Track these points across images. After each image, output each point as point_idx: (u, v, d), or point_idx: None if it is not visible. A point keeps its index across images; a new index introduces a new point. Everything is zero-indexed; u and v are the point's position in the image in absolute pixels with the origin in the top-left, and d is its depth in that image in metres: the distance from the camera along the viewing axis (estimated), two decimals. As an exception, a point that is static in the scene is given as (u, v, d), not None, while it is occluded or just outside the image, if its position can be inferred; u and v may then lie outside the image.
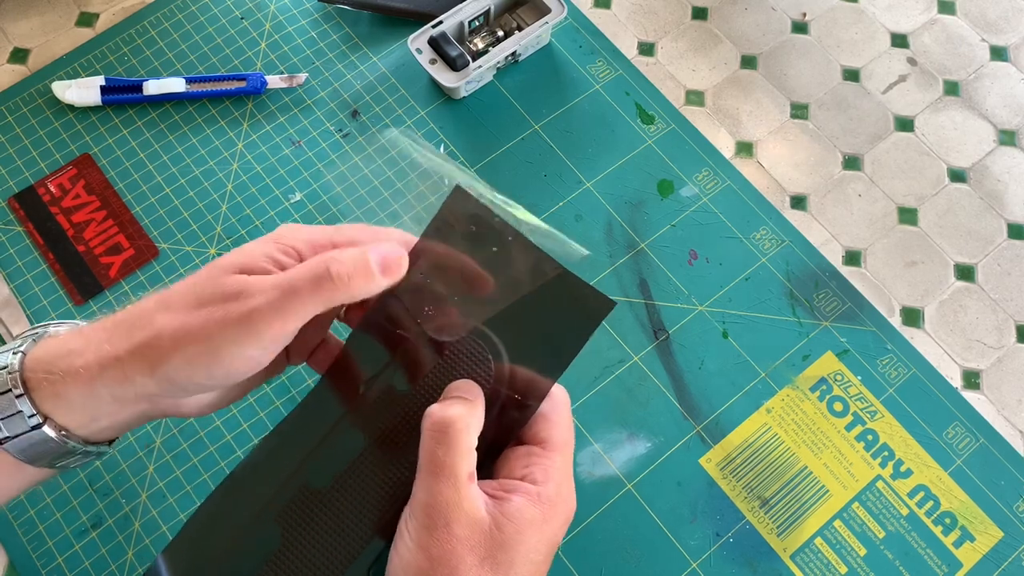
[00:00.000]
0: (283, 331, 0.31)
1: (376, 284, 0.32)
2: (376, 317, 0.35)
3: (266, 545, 0.33)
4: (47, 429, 0.32)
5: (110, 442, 0.35)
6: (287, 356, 0.37)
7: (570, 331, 0.34)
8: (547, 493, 0.32)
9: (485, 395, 0.34)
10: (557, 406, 0.34)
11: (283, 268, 0.33)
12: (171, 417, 0.35)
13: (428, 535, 0.30)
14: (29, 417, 0.32)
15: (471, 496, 0.31)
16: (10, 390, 0.32)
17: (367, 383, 0.34)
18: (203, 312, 0.31)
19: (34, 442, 0.32)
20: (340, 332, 0.37)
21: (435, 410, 0.32)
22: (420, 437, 0.32)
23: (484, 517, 0.31)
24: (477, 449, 0.32)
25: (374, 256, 0.32)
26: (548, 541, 0.32)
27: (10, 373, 0.32)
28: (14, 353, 0.33)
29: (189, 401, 0.34)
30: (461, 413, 0.32)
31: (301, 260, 0.33)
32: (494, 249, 0.35)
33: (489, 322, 0.35)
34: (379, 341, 0.35)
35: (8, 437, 0.32)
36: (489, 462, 0.34)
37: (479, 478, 0.32)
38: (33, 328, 0.35)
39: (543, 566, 0.32)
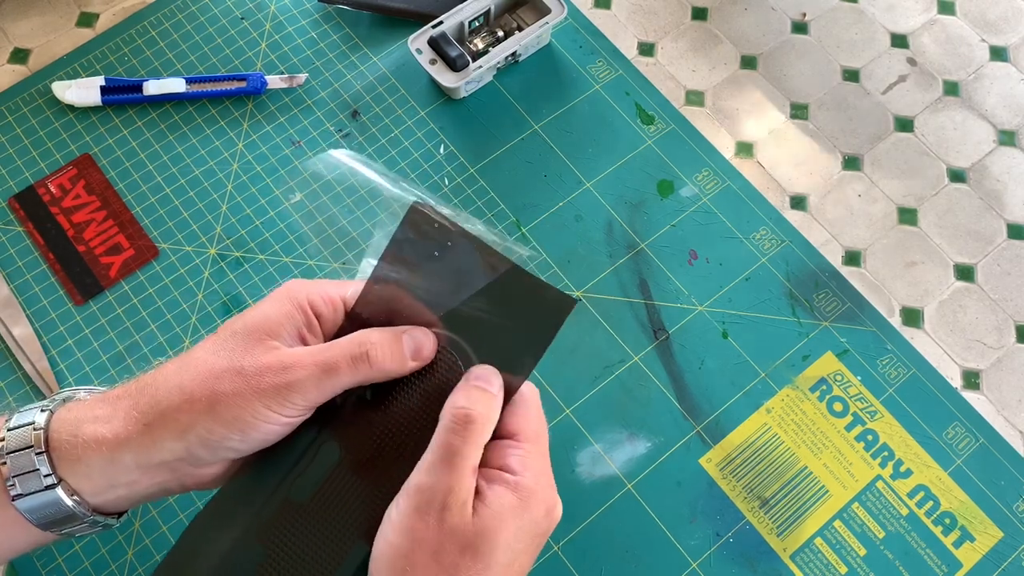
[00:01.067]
0: (319, 401, 0.34)
1: (407, 368, 0.35)
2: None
3: (250, 563, 0.34)
4: (60, 491, 0.32)
5: (119, 516, 0.36)
6: None
7: (536, 332, 0.36)
8: (524, 482, 0.33)
9: None
10: (527, 401, 0.36)
11: (305, 332, 0.35)
12: (187, 491, 0.36)
13: (418, 517, 0.31)
14: (45, 476, 0.32)
15: (470, 487, 0.32)
16: (31, 447, 0.32)
17: (342, 396, 0.35)
18: (240, 379, 0.33)
19: (45, 503, 0.32)
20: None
21: (460, 400, 0.33)
22: (398, 444, 0.34)
23: (471, 508, 0.31)
24: None
25: (407, 343, 0.35)
26: (528, 530, 0.32)
27: (35, 430, 0.33)
28: (42, 411, 0.34)
29: (209, 472, 0.35)
30: (486, 409, 0.33)
31: (318, 316, 0.36)
32: (458, 260, 0.36)
33: (458, 329, 0.36)
34: None
35: (21, 495, 0.32)
36: None
37: None
38: (62, 391, 0.36)
39: (524, 555, 0.33)
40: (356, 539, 0.34)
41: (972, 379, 0.52)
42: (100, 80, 0.57)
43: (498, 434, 0.35)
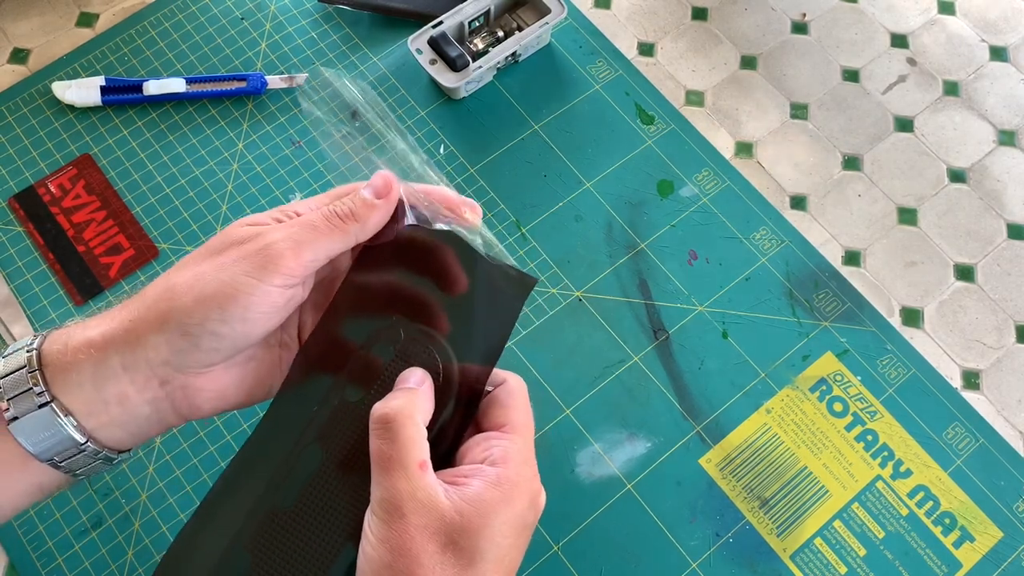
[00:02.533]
0: (298, 263, 0.33)
1: (379, 211, 0.35)
2: (321, 335, 0.36)
3: (238, 572, 0.33)
4: (53, 408, 0.32)
5: (120, 452, 0.35)
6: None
7: (501, 315, 0.36)
8: (506, 474, 0.32)
9: (437, 391, 0.35)
10: (513, 392, 0.35)
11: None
12: (183, 420, 0.35)
13: (387, 528, 0.30)
14: (37, 395, 0.32)
15: (425, 485, 0.31)
16: (24, 367, 0.32)
17: (321, 399, 0.35)
18: (216, 257, 0.32)
19: (40, 424, 0.32)
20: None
21: (377, 406, 0.33)
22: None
23: (443, 504, 0.31)
24: (438, 443, 0.33)
25: (366, 190, 0.35)
26: (513, 523, 0.32)
27: (28, 351, 0.33)
28: (35, 337, 0.33)
29: (200, 385, 0.34)
30: (401, 404, 0.32)
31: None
32: (433, 256, 0.36)
33: (423, 321, 0.36)
34: (328, 357, 0.36)
35: (15, 417, 0.32)
36: (451, 454, 0.35)
37: (443, 469, 0.33)
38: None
39: (513, 549, 0.32)
40: (345, 541, 0.33)
41: (972, 379, 0.52)
42: (100, 80, 0.57)
43: (484, 426, 0.35)
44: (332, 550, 0.34)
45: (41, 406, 0.32)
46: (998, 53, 0.62)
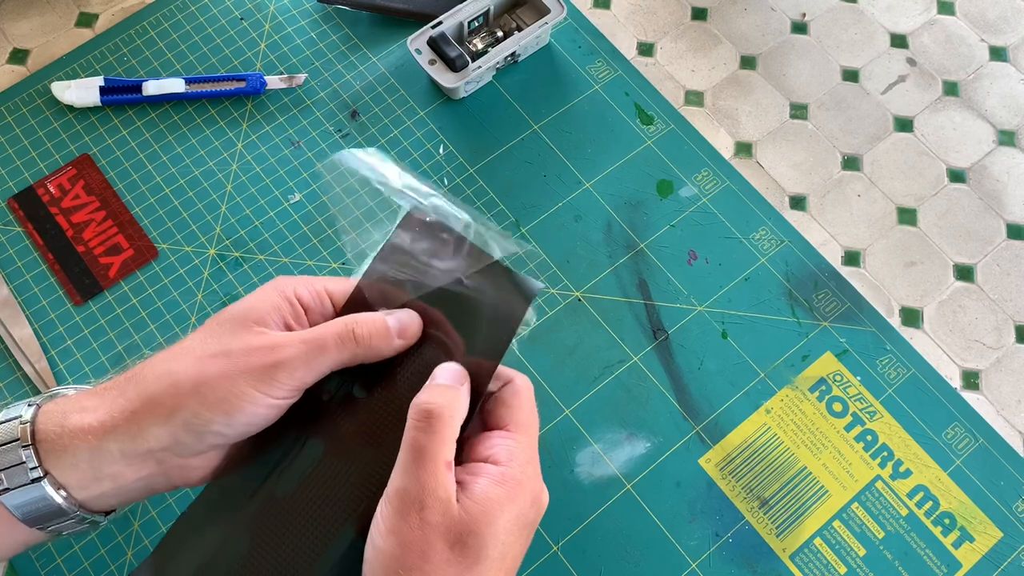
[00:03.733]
0: (306, 380, 0.34)
1: (394, 346, 0.35)
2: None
3: (236, 554, 0.34)
4: (46, 484, 0.32)
5: (107, 514, 0.35)
6: None
7: (504, 317, 0.36)
8: (511, 473, 0.32)
9: None
10: (518, 392, 0.36)
11: (291, 322, 0.35)
12: (174, 488, 0.36)
13: (401, 520, 0.30)
14: (31, 470, 0.32)
15: (448, 484, 0.31)
16: (17, 440, 0.32)
17: (328, 394, 0.36)
18: (226, 360, 0.33)
19: (32, 498, 0.32)
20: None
21: (422, 398, 0.33)
22: (381, 437, 0.34)
23: (455, 503, 0.31)
24: None
25: (392, 322, 0.35)
26: (517, 521, 0.32)
27: (22, 424, 0.33)
28: (28, 405, 0.34)
29: (195, 465, 0.35)
30: (447, 402, 0.33)
31: (305, 308, 0.36)
32: (444, 262, 0.38)
33: (439, 323, 0.37)
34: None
35: (8, 488, 0.32)
36: (459, 447, 0.35)
37: None
38: (50, 390, 0.36)
39: (515, 547, 0.32)
40: (341, 529, 0.34)
41: (972, 379, 0.52)
42: (99, 80, 0.57)
43: (488, 425, 0.35)
44: (328, 536, 0.34)
45: (34, 480, 0.32)
46: (998, 53, 0.62)
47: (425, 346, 0.36)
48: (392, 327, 0.35)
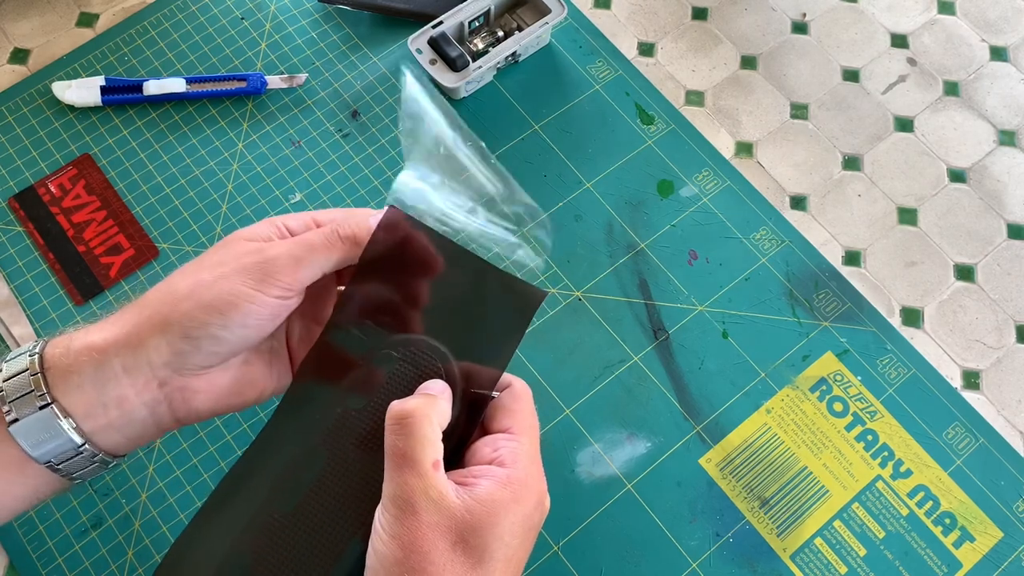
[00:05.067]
0: (295, 278, 0.34)
1: (372, 224, 0.36)
2: (324, 343, 0.37)
3: (240, 571, 0.34)
4: (53, 410, 0.32)
5: (117, 457, 0.36)
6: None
7: (509, 326, 0.37)
8: (516, 475, 0.33)
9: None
10: (518, 396, 0.36)
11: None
12: (180, 424, 0.36)
13: (398, 524, 0.31)
14: (38, 397, 0.32)
15: (437, 484, 0.31)
16: (26, 370, 0.33)
17: (323, 405, 0.36)
18: (216, 267, 0.34)
19: (39, 426, 0.32)
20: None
21: (394, 404, 0.33)
22: (379, 448, 0.33)
23: (454, 502, 0.31)
24: (445, 444, 0.33)
25: (374, 218, 0.37)
26: (521, 523, 0.32)
27: (31, 355, 0.33)
28: (36, 343, 0.34)
29: (197, 387, 0.35)
30: (418, 404, 0.33)
31: (292, 234, 0.37)
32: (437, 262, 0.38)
33: (432, 329, 0.37)
34: (331, 366, 0.37)
35: (16, 419, 0.32)
36: (458, 456, 0.35)
37: (450, 471, 0.33)
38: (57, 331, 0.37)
39: (520, 549, 0.33)
40: (345, 545, 0.34)
41: (972, 379, 0.52)
42: (100, 80, 0.57)
43: (491, 429, 0.35)
44: (332, 553, 0.34)
45: (41, 407, 0.32)
46: (998, 53, 0.62)
47: (421, 357, 0.37)
48: (373, 223, 0.36)
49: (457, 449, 0.35)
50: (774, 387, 0.51)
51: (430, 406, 0.33)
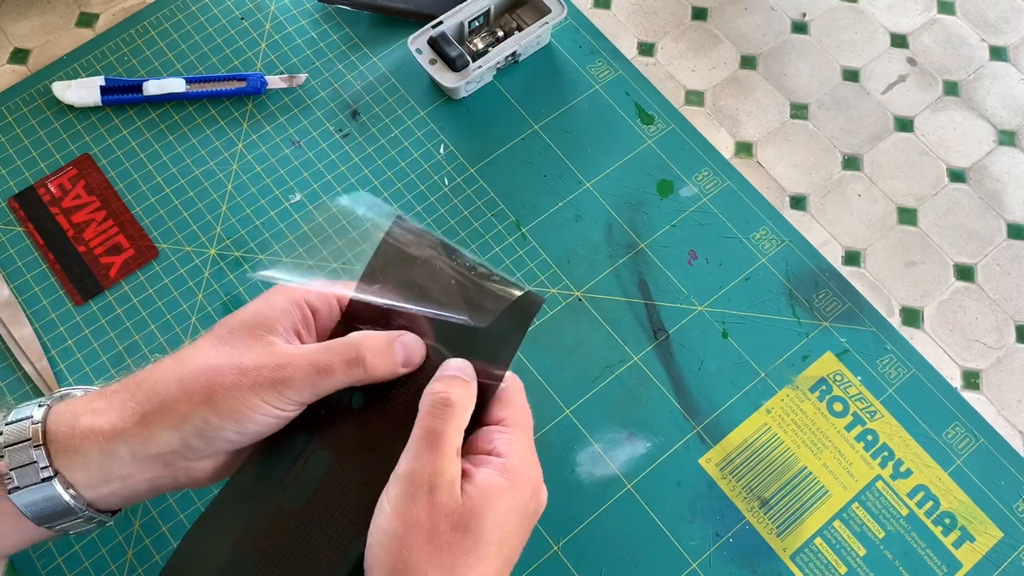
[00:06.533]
0: (312, 398, 0.35)
1: (397, 373, 0.36)
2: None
3: (246, 573, 0.34)
4: (56, 484, 0.33)
5: (113, 513, 0.36)
6: None
7: (510, 330, 0.38)
8: (512, 464, 0.34)
9: None
10: (511, 390, 0.37)
11: (301, 328, 0.36)
12: (181, 488, 0.37)
13: (409, 501, 0.31)
14: (42, 469, 0.33)
15: (456, 469, 0.33)
16: (29, 440, 0.33)
17: (330, 406, 0.36)
18: (238, 373, 0.33)
19: (42, 496, 0.33)
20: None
21: (437, 388, 0.34)
22: (384, 444, 0.34)
23: (459, 489, 0.32)
24: None
25: (399, 351, 0.36)
26: (517, 510, 0.33)
27: (33, 424, 0.33)
28: (39, 406, 0.34)
29: (203, 467, 0.35)
30: (462, 394, 0.34)
31: (313, 313, 0.37)
32: (437, 268, 0.38)
33: (440, 333, 0.38)
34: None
35: (18, 488, 0.33)
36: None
37: None
38: (59, 390, 0.37)
39: (515, 537, 0.34)
40: (351, 541, 0.34)
41: (972, 379, 0.52)
42: (100, 80, 0.57)
43: (485, 421, 0.36)
44: (338, 551, 0.34)
45: (44, 480, 0.33)
46: (998, 53, 0.62)
47: (426, 359, 0.37)
48: (399, 356, 0.36)
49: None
50: (774, 387, 0.51)
51: (469, 398, 0.34)
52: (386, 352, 0.36)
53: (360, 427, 0.36)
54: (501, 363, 0.37)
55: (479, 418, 0.36)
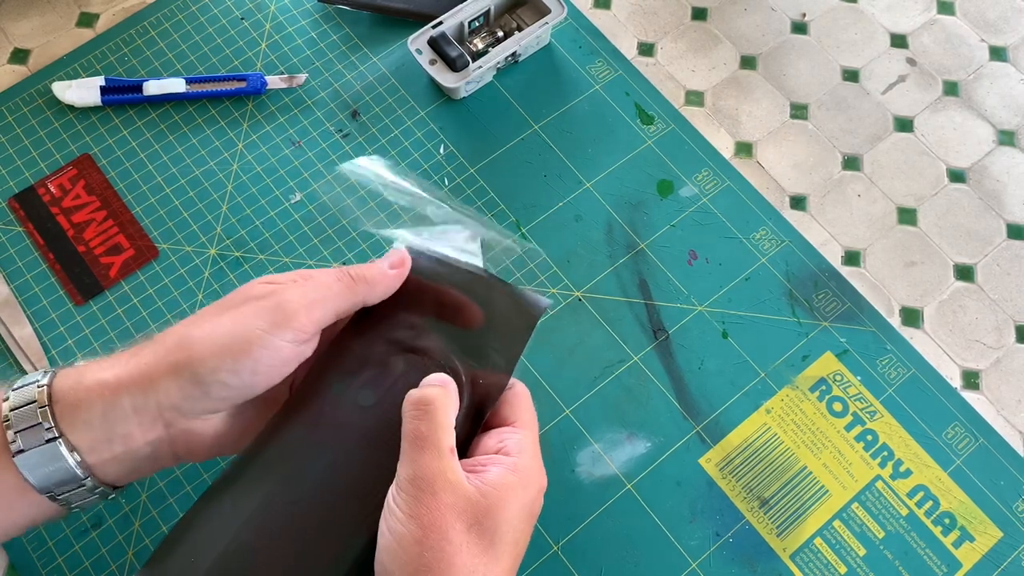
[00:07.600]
0: (310, 320, 0.35)
1: (390, 279, 0.38)
2: (339, 343, 0.38)
3: (243, 564, 0.34)
4: (60, 445, 0.33)
5: (115, 488, 0.36)
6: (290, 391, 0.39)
7: (515, 334, 0.38)
8: (521, 463, 0.34)
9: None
10: (518, 394, 0.38)
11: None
12: (180, 460, 0.37)
13: (418, 504, 0.32)
14: (46, 430, 0.33)
15: (454, 467, 0.33)
16: (34, 401, 0.33)
17: (332, 401, 0.37)
18: (233, 310, 0.34)
19: (45, 458, 0.33)
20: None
21: (414, 392, 0.35)
22: (388, 442, 0.34)
23: (468, 487, 0.32)
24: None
25: (383, 261, 0.38)
26: (526, 508, 0.34)
27: (39, 387, 0.34)
28: (45, 372, 0.35)
29: (200, 430, 0.35)
30: (437, 393, 0.34)
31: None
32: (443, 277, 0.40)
33: (444, 337, 0.38)
34: (344, 362, 0.38)
35: (22, 450, 0.33)
36: (464, 451, 0.36)
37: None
38: (67, 363, 0.38)
39: (523, 534, 0.34)
40: (352, 535, 0.34)
41: (972, 379, 0.52)
42: (100, 80, 0.57)
43: (492, 424, 0.37)
44: (337, 544, 0.34)
45: (48, 441, 0.33)
46: (998, 53, 0.62)
47: (433, 362, 0.38)
48: (386, 263, 0.38)
49: (464, 446, 0.36)
50: (774, 387, 0.51)
51: (446, 396, 0.35)
52: (372, 265, 0.38)
53: (365, 424, 0.36)
54: (507, 365, 0.37)
55: (487, 420, 0.37)
